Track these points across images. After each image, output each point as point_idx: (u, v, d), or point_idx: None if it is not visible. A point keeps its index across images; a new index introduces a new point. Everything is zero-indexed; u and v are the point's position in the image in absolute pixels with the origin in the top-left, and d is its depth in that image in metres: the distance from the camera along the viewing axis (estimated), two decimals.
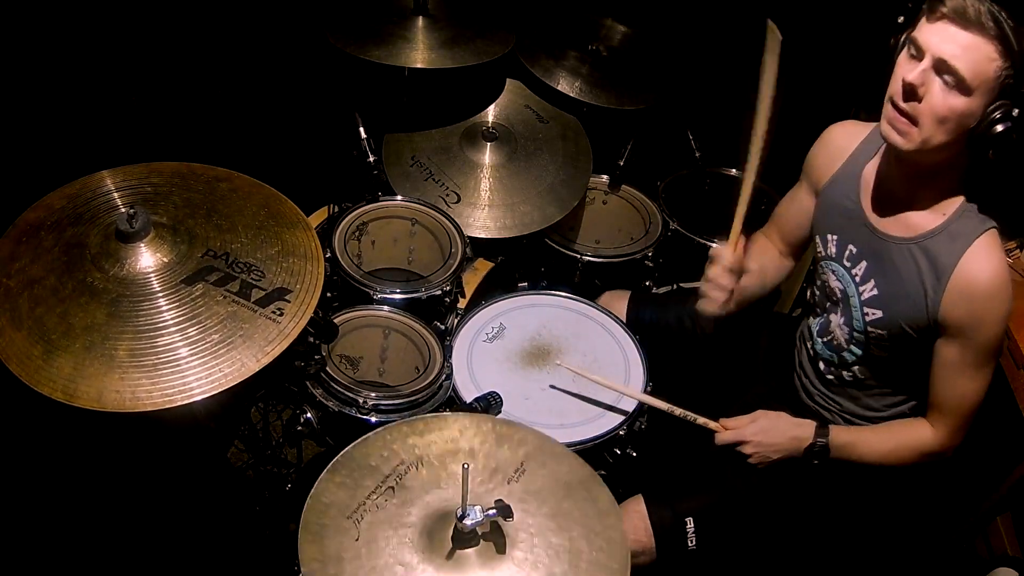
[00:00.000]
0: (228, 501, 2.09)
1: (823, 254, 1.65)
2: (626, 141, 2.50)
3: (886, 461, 1.58)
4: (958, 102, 1.29)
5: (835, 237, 1.61)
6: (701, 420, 1.67)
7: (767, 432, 1.62)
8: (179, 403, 1.20)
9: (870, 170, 1.55)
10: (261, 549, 1.99)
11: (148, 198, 1.44)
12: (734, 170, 2.63)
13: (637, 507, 1.64)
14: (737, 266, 1.59)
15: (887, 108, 1.37)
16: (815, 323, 1.71)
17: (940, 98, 1.29)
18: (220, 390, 1.22)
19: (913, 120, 1.33)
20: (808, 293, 1.78)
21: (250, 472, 2.12)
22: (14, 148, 2.07)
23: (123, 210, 1.37)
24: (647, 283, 2.36)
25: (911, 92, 1.31)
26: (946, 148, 1.35)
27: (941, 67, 1.28)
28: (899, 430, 1.61)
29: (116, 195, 1.44)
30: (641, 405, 1.75)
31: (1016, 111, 1.27)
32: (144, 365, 1.22)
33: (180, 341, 1.25)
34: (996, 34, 1.24)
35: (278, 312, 1.31)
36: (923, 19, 1.31)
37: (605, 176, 2.53)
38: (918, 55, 1.31)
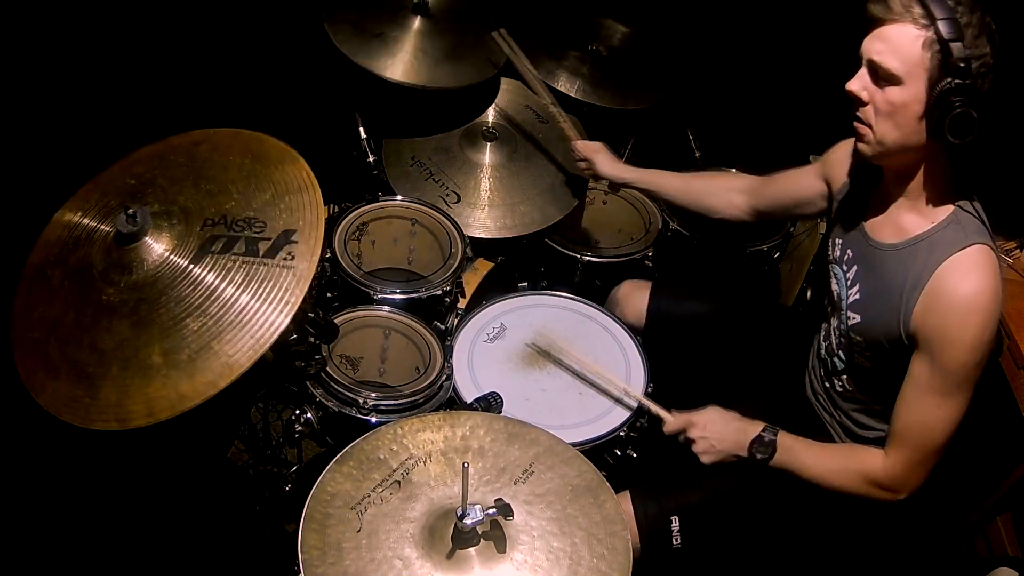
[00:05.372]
0: (228, 501, 2.09)
1: (830, 257, 1.65)
2: (626, 141, 2.50)
3: (829, 481, 1.53)
4: (895, 94, 1.32)
5: (840, 241, 1.62)
6: (653, 408, 1.70)
7: (715, 422, 1.63)
8: (223, 385, 1.18)
9: (876, 180, 1.56)
10: (261, 549, 1.99)
11: (134, 192, 1.40)
12: (734, 170, 2.63)
13: (624, 503, 1.64)
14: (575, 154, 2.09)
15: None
16: (823, 329, 1.72)
17: (879, 95, 1.34)
18: (258, 356, 1.20)
19: (868, 125, 1.38)
20: (810, 294, 1.79)
21: (250, 472, 2.12)
22: None
23: (120, 215, 1.32)
24: None
25: (857, 100, 1.37)
26: (910, 146, 1.36)
27: (873, 68, 1.34)
28: (848, 450, 1.59)
29: (103, 204, 1.40)
30: (642, 406, 1.75)
31: (956, 82, 1.25)
32: (180, 361, 1.20)
33: (206, 322, 1.23)
34: (919, 13, 1.27)
35: (290, 257, 1.28)
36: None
37: None
38: (860, 64, 1.37)
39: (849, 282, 1.56)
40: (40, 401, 1.20)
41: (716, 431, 1.63)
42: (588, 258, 2.26)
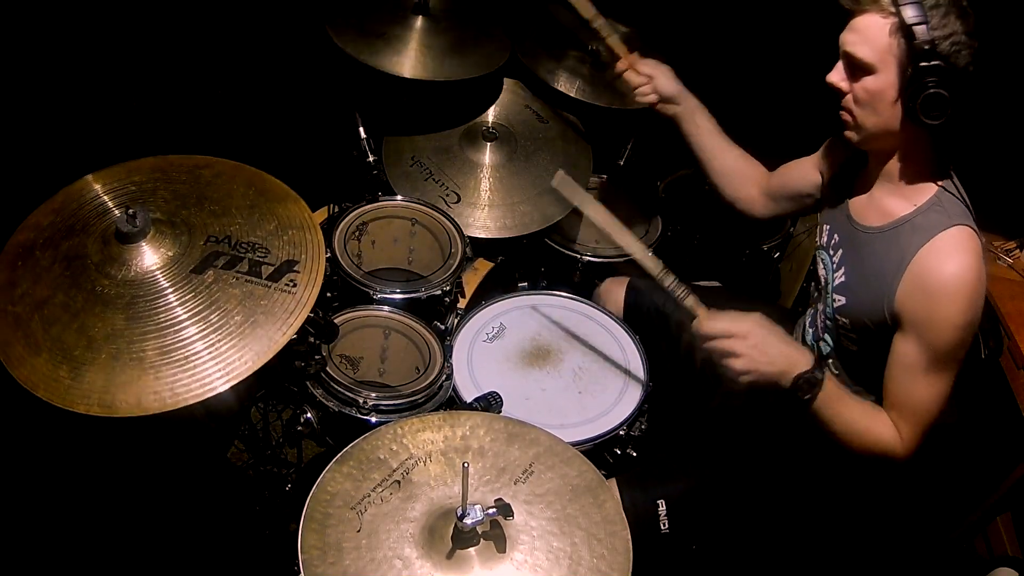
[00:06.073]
0: (228, 501, 2.09)
1: (817, 243, 1.67)
2: (626, 141, 2.50)
3: (848, 438, 1.47)
4: (869, 82, 1.36)
5: (827, 226, 1.64)
6: (690, 300, 1.53)
7: (764, 339, 1.45)
8: (220, 389, 1.20)
9: (861, 165, 1.58)
10: (261, 549, 1.99)
11: (136, 197, 1.42)
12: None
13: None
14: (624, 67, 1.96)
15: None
16: (808, 313, 1.74)
17: (857, 85, 1.39)
18: (257, 367, 1.22)
19: (850, 113, 1.42)
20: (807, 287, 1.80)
21: (250, 472, 2.12)
22: None
23: (118, 213, 1.35)
24: None
25: (838, 91, 1.42)
26: (890, 130, 1.39)
27: (847, 59, 1.39)
28: (874, 414, 1.51)
29: (103, 200, 1.41)
30: (642, 405, 1.75)
31: (923, 64, 1.28)
32: (176, 360, 1.21)
33: (205, 329, 1.25)
34: (885, 1, 1.31)
35: (291, 284, 1.32)
36: None
37: (605, 176, 2.53)
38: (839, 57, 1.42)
39: (835, 265, 1.58)
40: (15, 375, 1.20)
41: (764, 350, 1.45)
42: (588, 258, 2.27)
